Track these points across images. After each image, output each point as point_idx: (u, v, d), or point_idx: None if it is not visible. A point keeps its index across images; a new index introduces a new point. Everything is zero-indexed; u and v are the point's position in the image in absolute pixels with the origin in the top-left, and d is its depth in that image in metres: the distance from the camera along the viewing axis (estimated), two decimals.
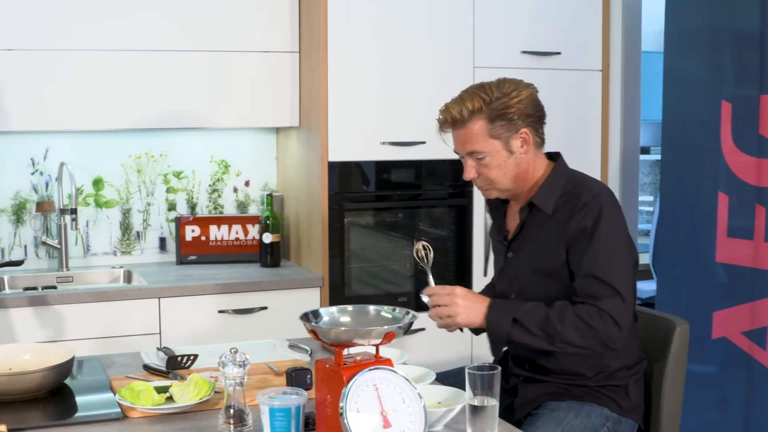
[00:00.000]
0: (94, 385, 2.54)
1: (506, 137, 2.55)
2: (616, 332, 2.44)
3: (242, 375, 2.11)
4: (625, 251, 2.54)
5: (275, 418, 2.04)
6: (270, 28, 4.07)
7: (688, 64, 4.14)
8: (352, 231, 4.04)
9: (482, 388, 2.11)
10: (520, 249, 2.66)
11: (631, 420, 2.62)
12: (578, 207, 2.53)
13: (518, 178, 2.61)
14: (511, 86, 2.57)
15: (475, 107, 2.53)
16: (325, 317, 2.13)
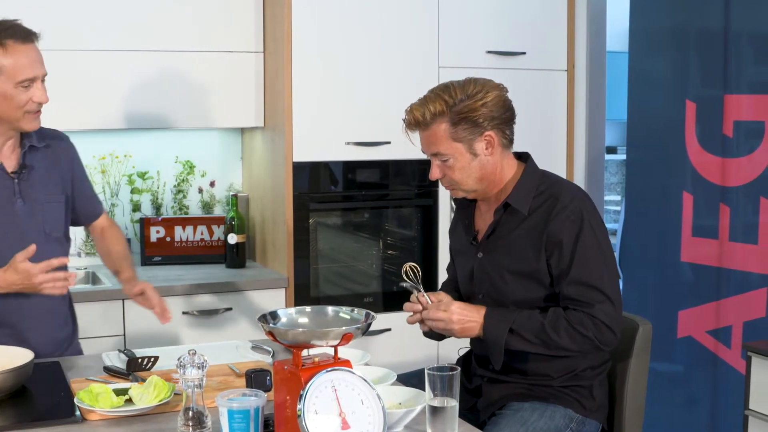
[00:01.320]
0: (54, 387, 2.51)
1: (469, 140, 2.53)
2: (610, 337, 2.47)
3: (201, 377, 2.08)
4: (611, 255, 2.56)
5: (234, 420, 2.03)
6: (234, 29, 4.05)
7: (653, 64, 4.16)
8: (318, 231, 4.04)
9: (442, 388, 2.11)
10: (493, 250, 2.64)
11: (594, 420, 2.62)
12: (557, 210, 2.52)
13: (483, 179, 2.59)
14: (477, 88, 2.54)
15: (437, 110, 2.51)
16: (284, 318, 2.12)
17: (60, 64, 3.79)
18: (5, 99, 2.68)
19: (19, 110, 2.70)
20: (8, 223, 2.76)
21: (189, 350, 2.10)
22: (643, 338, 2.73)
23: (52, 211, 2.86)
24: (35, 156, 2.84)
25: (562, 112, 4.35)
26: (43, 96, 2.73)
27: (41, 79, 2.73)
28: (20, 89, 2.68)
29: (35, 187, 2.82)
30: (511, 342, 2.48)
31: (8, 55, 2.66)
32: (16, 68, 2.66)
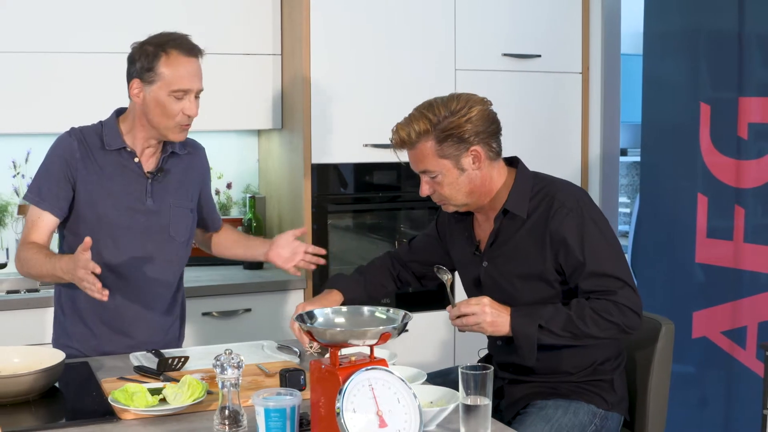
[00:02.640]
0: (85, 387, 2.53)
1: (456, 156, 2.54)
2: (636, 320, 2.50)
3: (237, 376, 2.11)
4: (616, 242, 2.60)
5: (270, 419, 2.05)
6: (252, 32, 4.09)
7: (667, 67, 4.19)
8: (335, 233, 4.06)
9: (475, 387, 2.13)
10: (497, 256, 2.66)
11: (617, 413, 2.66)
12: (555, 208, 2.55)
13: (473, 192, 2.61)
14: (461, 104, 2.53)
15: (422, 129, 2.52)
16: (320, 318, 2.15)
17: (81, 66, 3.84)
18: (158, 105, 2.76)
19: (170, 120, 2.77)
20: (134, 219, 2.87)
21: (225, 350, 2.13)
22: (666, 337, 2.77)
23: (178, 215, 2.94)
24: (174, 161, 2.93)
25: (576, 115, 4.38)
26: (193, 110, 2.79)
27: (195, 94, 2.79)
28: (173, 99, 2.75)
29: (167, 190, 2.91)
30: (541, 337, 2.50)
31: (169, 63, 2.74)
32: (174, 77, 2.74)
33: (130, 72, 2.80)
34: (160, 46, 2.75)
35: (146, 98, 2.76)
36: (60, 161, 2.83)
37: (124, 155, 2.85)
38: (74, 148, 2.83)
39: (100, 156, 2.84)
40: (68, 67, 3.84)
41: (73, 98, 3.85)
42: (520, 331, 2.50)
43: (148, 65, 2.74)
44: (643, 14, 4.24)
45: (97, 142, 2.85)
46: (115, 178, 2.85)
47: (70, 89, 3.85)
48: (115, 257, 2.83)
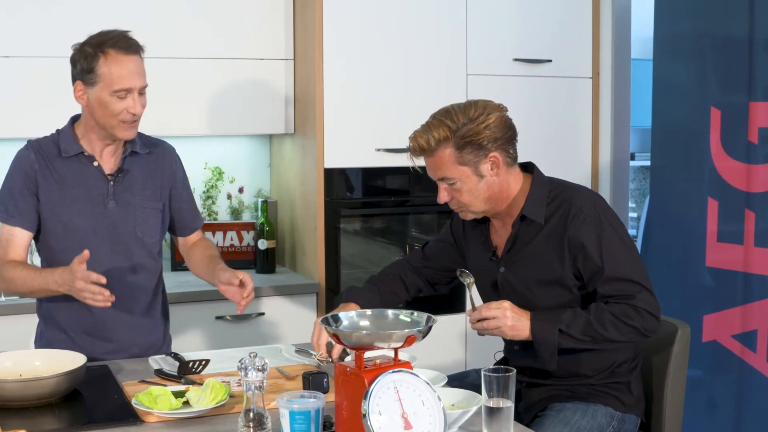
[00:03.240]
0: (107, 390, 2.55)
1: (475, 163, 2.55)
2: (654, 323, 2.54)
3: (261, 379, 2.13)
4: (633, 245, 2.62)
5: (295, 421, 2.07)
6: (264, 36, 4.10)
7: (677, 71, 4.20)
8: (346, 237, 4.08)
9: (498, 389, 2.15)
10: (515, 262, 2.68)
11: (633, 415, 2.68)
12: (573, 213, 2.57)
13: (491, 199, 2.62)
14: (478, 111, 2.54)
15: (442, 136, 2.53)
16: (345, 321, 2.16)
17: None
18: (101, 106, 2.75)
19: (114, 118, 2.76)
20: (99, 222, 2.86)
21: (250, 353, 2.14)
22: (682, 340, 2.80)
23: (145, 216, 2.92)
24: (135, 161, 2.92)
25: (586, 120, 4.40)
26: (137, 107, 2.77)
27: (138, 91, 2.78)
28: (115, 98, 2.74)
29: (131, 191, 2.90)
30: (561, 342, 2.51)
31: (108, 63, 2.73)
32: (113, 78, 2.73)
33: (73, 74, 2.80)
34: (98, 46, 2.74)
35: (90, 99, 2.76)
36: (20, 175, 2.84)
37: (83, 160, 2.85)
38: (32, 160, 2.84)
39: (58, 164, 2.84)
40: None
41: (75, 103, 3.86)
42: (540, 336, 2.52)
43: (88, 67, 2.73)
44: (653, 19, 4.25)
45: (54, 150, 2.85)
46: (76, 185, 2.84)
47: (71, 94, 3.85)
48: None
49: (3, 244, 2.84)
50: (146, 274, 2.96)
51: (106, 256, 2.85)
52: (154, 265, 3.00)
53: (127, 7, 3.89)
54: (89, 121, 2.82)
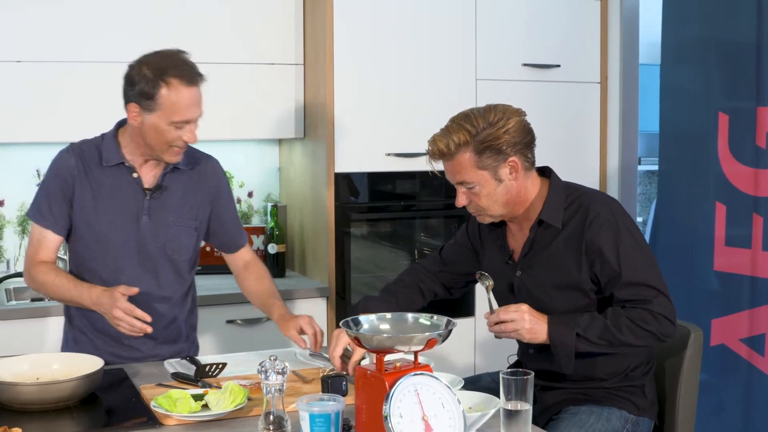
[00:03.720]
0: (124, 393, 2.56)
1: (494, 167, 2.56)
2: (670, 328, 2.54)
3: (282, 382, 2.14)
4: (649, 250, 2.63)
5: (315, 424, 2.08)
6: (274, 41, 4.12)
7: (685, 76, 4.22)
8: (356, 241, 4.09)
9: (516, 392, 2.17)
10: (532, 266, 2.69)
11: (647, 419, 2.70)
12: (591, 218, 2.58)
13: (509, 203, 2.63)
14: (498, 115, 2.55)
15: (462, 140, 2.53)
16: (366, 325, 2.17)
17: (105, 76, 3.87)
18: (155, 132, 2.70)
19: (165, 144, 2.73)
20: (130, 235, 2.82)
21: (270, 356, 2.16)
22: (695, 344, 2.81)
23: (177, 234, 2.87)
24: (176, 177, 2.87)
25: (595, 124, 4.42)
26: (193, 138, 2.73)
27: (195, 121, 2.74)
28: (172, 127, 2.69)
29: (166, 208, 2.85)
30: (578, 345, 2.52)
31: (171, 94, 2.67)
32: (174, 109, 2.68)
33: (128, 94, 2.72)
34: (160, 73, 2.67)
35: (144, 123, 2.70)
36: (57, 180, 2.81)
37: (123, 170, 2.81)
38: (72, 166, 2.80)
39: (98, 172, 2.81)
40: (95, 76, 3.87)
41: (99, 107, 3.87)
42: (557, 339, 2.52)
43: (148, 92, 2.67)
44: (661, 24, 4.27)
45: (96, 157, 2.82)
46: (113, 195, 2.81)
47: (96, 98, 3.88)
48: (112, 275, 2.79)
49: (34, 244, 2.84)
50: (172, 290, 2.92)
51: (133, 269, 2.83)
52: (181, 283, 2.95)
53: (138, 13, 3.91)
54: (137, 138, 2.77)
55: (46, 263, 2.81)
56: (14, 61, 3.76)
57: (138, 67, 2.72)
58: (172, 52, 2.74)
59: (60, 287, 2.77)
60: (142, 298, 2.77)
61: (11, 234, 4.11)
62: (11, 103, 3.77)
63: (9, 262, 4.11)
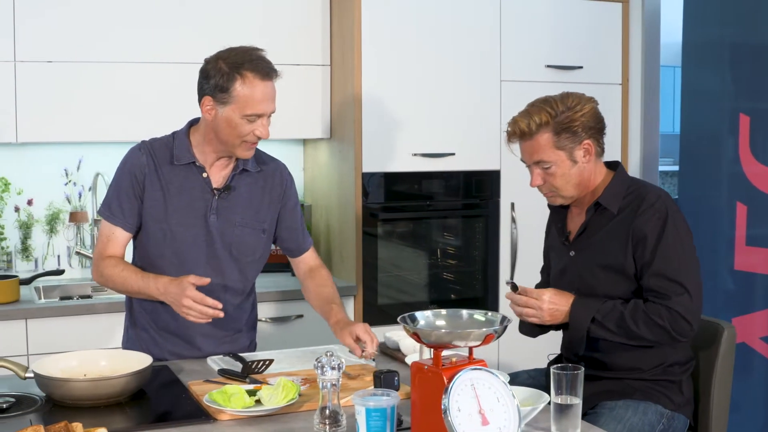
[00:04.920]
0: (173, 389, 2.59)
1: (570, 148, 2.71)
2: (686, 328, 2.61)
3: (337, 377, 2.18)
4: (692, 250, 2.71)
5: (371, 418, 2.11)
6: (302, 43, 4.16)
7: (706, 78, 4.28)
8: (384, 240, 4.13)
9: (567, 387, 2.21)
10: (584, 248, 2.81)
11: (683, 415, 2.75)
12: (644, 207, 2.69)
13: (580, 185, 2.77)
14: (575, 100, 2.73)
15: (543, 121, 2.69)
16: (422, 321, 2.22)
17: (134, 76, 3.91)
18: (229, 125, 2.73)
19: (238, 139, 2.75)
20: (198, 234, 2.85)
21: (326, 352, 2.20)
22: (728, 341, 2.86)
23: (242, 235, 2.89)
24: (244, 178, 2.89)
25: (616, 126, 4.47)
26: (265, 132, 2.76)
27: (268, 115, 2.77)
28: (245, 121, 2.71)
29: (233, 209, 2.87)
30: (593, 330, 2.65)
31: (245, 86, 2.69)
32: (248, 102, 2.70)
33: (203, 88, 2.75)
34: (236, 66, 2.70)
35: (218, 116, 2.73)
36: (128, 177, 2.83)
37: (193, 169, 2.84)
38: (143, 164, 2.83)
39: (167, 171, 2.83)
40: (121, 77, 3.91)
41: (126, 108, 3.92)
42: (574, 321, 2.67)
43: (223, 85, 2.69)
44: (682, 26, 4.33)
45: (167, 156, 2.84)
46: (182, 194, 2.83)
47: (123, 99, 3.92)
48: (179, 273, 2.80)
49: (103, 240, 2.86)
50: (236, 290, 2.94)
51: (200, 267, 2.84)
52: (245, 283, 2.97)
53: (168, 14, 3.95)
54: (209, 134, 2.79)
55: (113, 257, 2.84)
56: (45, 61, 3.80)
57: (214, 61, 2.75)
58: (248, 48, 2.77)
59: (127, 279, 2.79)
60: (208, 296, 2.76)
61: (39, 233, 4.14)
62: (42, 102, 3.81)
63: (37, 260, 4.14)
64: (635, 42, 4.54)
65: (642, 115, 4.57)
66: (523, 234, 4.32)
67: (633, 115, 4.56)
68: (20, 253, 4.11)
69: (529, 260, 4.25)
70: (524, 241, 4.31)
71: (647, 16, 4.57)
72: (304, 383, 2.56)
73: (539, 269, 3.13)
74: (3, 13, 3.72)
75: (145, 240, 2.87)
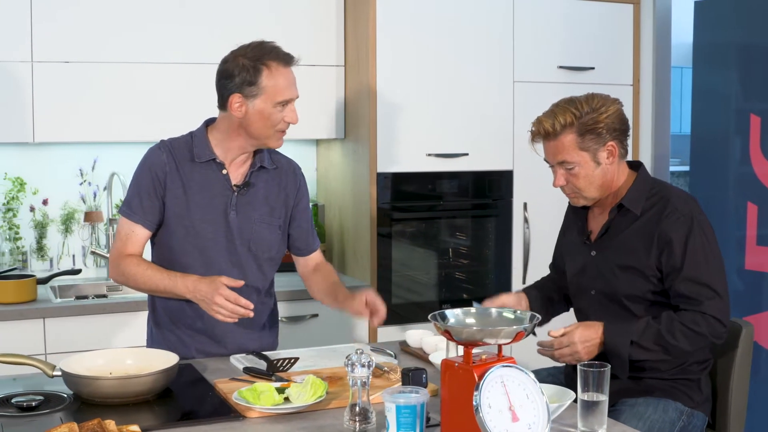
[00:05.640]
0: (199, 387, 2.61)
1: (594, 149, 2.72)
2: (721, 330, 2.64)
3: (367, 375, 2.20)
4: (717, 252, 2.73)
5: (402, 415, 2.14)
6: (315, 43, 4.19)
7: (717, 79, 4.31)
8: (398, 240, 4.15)
9: (593, 384, 2.23)
10: (606, 248, 2.83)
11: (701, 413, 2.78)
12: (669, 211, 2.71)
13: (603, 186, 2.78)
14: (600, 102, 2.74)
15: (567, 121, 2.71)
16: (452, 319, 2.24)
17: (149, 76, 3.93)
18: (262, 117, 2.79)
19: (272, 129, 2.82)
20: (218, 231, 2.89)
21: (356, 350, 2.22)
22: (746, 339, 2.89)
23: (261, 231, 2.93)
24: (261, 175, 2.94)
25: None
26: (295, 117, 2.84)
27: (294, 101, 2.84)
28: (277, 109, 2.79)
29: (252, 205, 2.92)
30: (633, 353, 2.65)
31: (271, 76, 2.78)
32: (277, 89, 2.78)
33: (228, 87, 2.80)
34: (258, 59, 2.77)
35: (249, 111, 2.79)
36: (149, 175, 2.87)
37: (213, 167, 2.88)
38: (163, 162, 2.86)
39: (188, 168, 2.87)
40: (135, 77, 3.93)
41: (141, 108, 3.94)
42: (613, 347, 2.66)
43: (249, 79, 2.76)
44: (693, 27, 4.36)
45: (187, 154, 2.88)
46: (202, 190, 2.87)
47: (139, 99, 3.93)
48: (202, 268, 2.85)
49: (122, 238, 2.89)
50: (256, 286, 2.97)
51: (222, 264, 2.89)
52: (264, 280, 3.01)
53: (184, 15, 3.97)
54: (237, 131, 2.84)
55: (134, 256, 2.87)
56: (62, 61, 3.82)
57: (233, 59, 2.82)
58: (259, 41, 2.85)
59: (152, 277, 2.82)
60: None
61: (55, 233, 4.16)
62: (58, 102, 3.83)
63: (52, 260, 4.15)
64: (646, 43, 4.57)
65: (653, 115, 4.60)
66: (536, 234, 4.35)
67: (644, 115, 4.58)
68: (35, 253, 4.13)
69: (541, 260, 4.26)
70: (536, 241, 4.34)
71: (658, 18, 4.60)
72: (328, 381, 2.58)
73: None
74: (20, 13, 3.74)
75: (168, 238, 2.90)
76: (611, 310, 2.80)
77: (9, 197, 4.08)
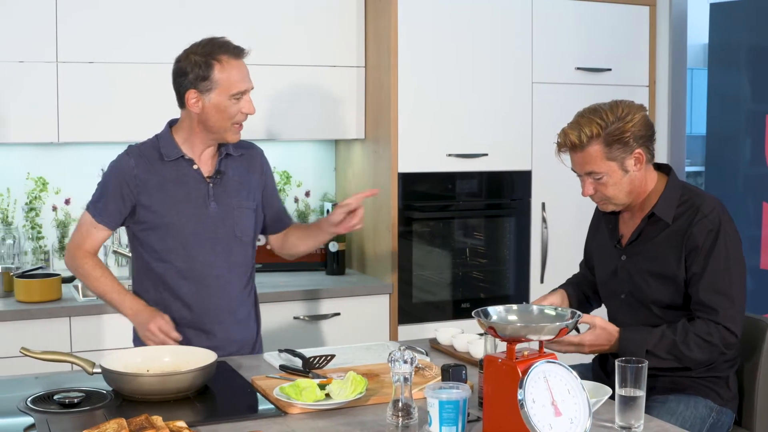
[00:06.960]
0: (236, 384, 2.65)
1: (622, 158, 2.73)
2: (732, 339, 2.69)
3: (410, 371, 2.24)
4: (742, 262, 2.76)
5: (444, 411, 2.17)
6: (336, 44, 4.23)
7: (732, 80, 4.35)
8: (419, 240, 4.19)
9: (631, 379, 2.27)
10: (637, 253, 2.84)
11: (729, 410, 2.82)
12: (698, 218, 2.73)
13: (632, 193, 2.80)
14: (625, 110, 2.73)
15: (593, 133, 2.70)
16: (494, 316, 2.27)
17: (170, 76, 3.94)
18: (218, 111, 2.89)
19: (229, 121, 2.91)
20: (201, 223, 2.98)
21: (399, 346, 2.26)
22: None
23: (242, 216, 3.04)
24: (230, 163, 3.04)
25: None
26: (251, 107, 2.93)
27: (249, 92, 2.92)
28: (233, 101, 2.88)
29: (228, 192, 3.02)
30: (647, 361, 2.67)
31: (223, 69, 2.87)
32: (231, 82, 2.88)
33: (183, 84, 2.91)
34: (209, 54, 2.87)
35: (205, 106, 2.88)
36: (116, 180, 2.97)
37: (183, 164, 2.97)
38: (131, 166, 2.96)
39: (160, 168, 2.96)
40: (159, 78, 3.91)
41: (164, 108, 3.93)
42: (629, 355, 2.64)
43: (202, 75, 2.86)
44: (708, 29, 4.40)
45: (156, 154, 2.98)
46: (178, 187, 2.96)
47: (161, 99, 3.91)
48: (186, 263, 2.97)
49: (83, 233, 3.02)
50: (241, 270, 3.08)
51: (206, 255, 2.98)
52: (248, 262, 3.12)
53: (206, 15, 4.00)
54: (198, 126, 2.94)
55: (93, 257, 3.01)
56: (86, 62, 3.84)
57: (186, 57, 2.92)
58: (209, 38, 2.95)
59: (104, 285, 2.98)
60: (217, 283, 2.99)
61: None
62: (83, 103, 3.86)
63: None
64: (662, 45, 4.61)
65: (669, 117, 4.64)
66: (554, 234, 4.39)
67: (660, 117, 4.62)
68: (57, 252, 4.16)
69: (559, 260, 4.32)
70: (554, 241, 4.38)
71: (674, 19, 4.64)
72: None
73: (569, 269, 3.23)
74: (45, 14, 3.77)
75: (150, 238, 2.99)
76: (640, 314, 2.83)
77: (32, 197, 4.11)
